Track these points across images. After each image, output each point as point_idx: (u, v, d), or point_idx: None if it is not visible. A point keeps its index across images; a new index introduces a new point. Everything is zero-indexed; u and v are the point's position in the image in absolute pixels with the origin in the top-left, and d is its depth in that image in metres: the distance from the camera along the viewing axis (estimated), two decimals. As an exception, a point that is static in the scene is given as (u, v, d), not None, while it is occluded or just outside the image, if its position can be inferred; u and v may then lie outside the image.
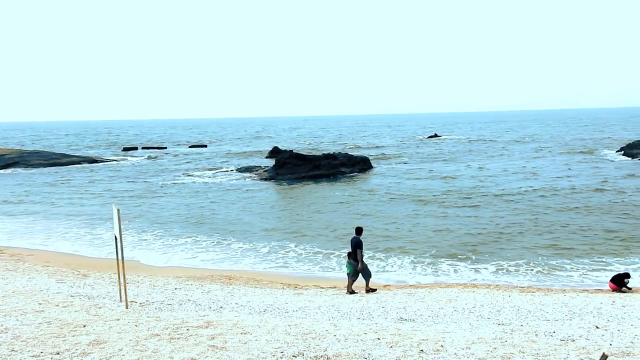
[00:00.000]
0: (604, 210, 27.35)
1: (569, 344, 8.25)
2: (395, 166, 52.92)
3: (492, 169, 47.62)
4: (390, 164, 55.04)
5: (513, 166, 49.64)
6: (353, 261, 14.73)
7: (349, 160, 48.50)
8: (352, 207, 30.32)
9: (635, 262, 18.57)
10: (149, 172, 53.10)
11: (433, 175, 44.17)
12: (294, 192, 37.07)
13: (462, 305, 12.28)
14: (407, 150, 72.28)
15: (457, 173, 44.93)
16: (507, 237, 22.45)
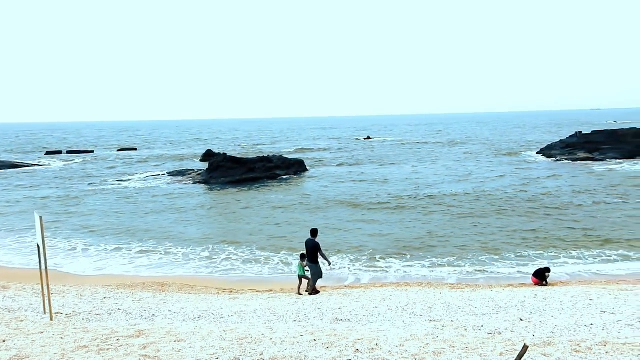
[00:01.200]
0: (526, 209, 28.80)
1: (496, 337, 8.63)
2: (330, 169, 53.34)
3: (423, 171, 48.91)
4: (325, 167, 55.44)
5: (443, 168, 51.29)
6: (310, 263, 14.70)
7: (283, 163, 48.43)
8: (287, 211, 30.26)
9: (556, 257, 19.69)
10: (75, 177, 50.77)
11: (366, 177, 44.74)
12: (228, 196, 36.56)
13: (396, 303, 12.56)
14: (342, 153, 73.01)
15: (390, 176, 45.77)
16: (438, 237, 23.09)
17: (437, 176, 44.43)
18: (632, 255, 19.58)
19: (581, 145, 58.45)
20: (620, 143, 57.35)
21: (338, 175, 47.28)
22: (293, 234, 24.57)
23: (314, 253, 14.59)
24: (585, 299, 12.17)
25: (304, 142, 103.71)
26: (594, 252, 20.16)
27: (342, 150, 77.64)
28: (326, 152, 76.00)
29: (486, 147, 76.09)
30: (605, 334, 8.65)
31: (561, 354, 7.17)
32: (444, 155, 65.23)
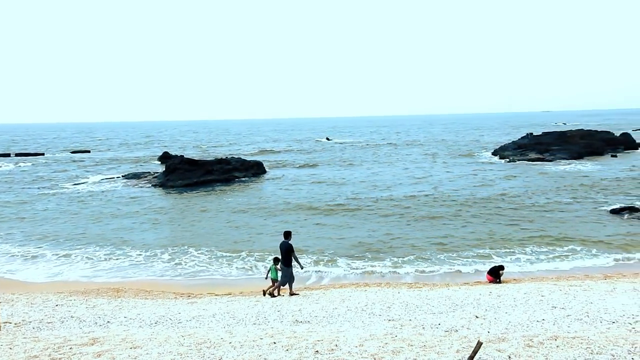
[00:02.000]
0: (481, 209, 29.52)
1: (453, 334, 8.81)
2: (289, 170, 53.24)
3: (382, 173, 49.36)
4: (284, 168, 55.32)
5: (401, 170, 51.98)
6: (283, 265, 14.60)
7: (242, 165, 48.05)
8: (246, 214, 29.97)
9: (510, 255, 20.27)
10: (24, 181, 48.92)
11: (325, 179, 44.80)
12: (185, 199, 36.00)
13: (355, 304, 12.65)
14: (301, 155, 72.98)
15: (349, 177, 45.97)
16: (397, 238, 23.34)
17: (395, 178, 44.88)
18: (581, 252, 20.35)
19: (532, 146, 60.41)
20: (569, 144, 59.59)
21: (297, 177, 47.15)
22: (252, 237, 24.42)
23: (287, 255, 14.49)
24: (537, 295, 12.56)
25: (264, 143, 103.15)
26: (546, 249, 20.86)
27: (302, 152, 77.64)
28: (286, 153, 75.81)
29: (443, 149, 77.61)
30: (556, 328, 8.95)
31: (514, 349, 7.38)
32: (402, 157, 66.00)
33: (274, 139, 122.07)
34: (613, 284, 14.21)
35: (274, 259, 15.50)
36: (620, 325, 8.82)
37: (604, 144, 61.90)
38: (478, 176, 43.78)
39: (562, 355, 6.94)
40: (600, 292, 12.57)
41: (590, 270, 18.13)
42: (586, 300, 11.47)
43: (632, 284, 13.91)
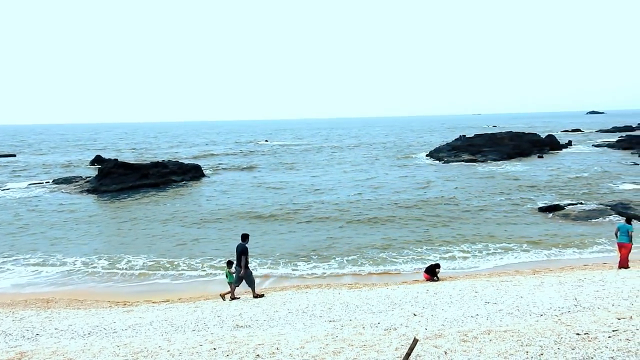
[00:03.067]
0: (418, 209, 30.31)
1: (392, 333, 8.98)
2: (228, 174, 52.48)
3: (322, 176, 49.59)
4: (224, 171, 54.51)
5: (341, 173, 52.46)
6: (237, 267, 14.50)
7: (179, 168, 46.97)
8: (183, 220, 29.22)
9: (447, 252, 20.91)
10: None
11: (265, 182, 44.49)
12: (119, 204, 34.79)
13: (296, 306, 12.66)
14: (241, 158, 72.08)
15: (289, 181, 45.90)
16: (337, 240, 23.47)
17: (336, 181, 45.10)
18: (512, 249, 21.29)
19: (465, 148, 62.66)
20: (499, 145, 62.25)
21: (236, 181, 46.40)
22: (190, 243, 23.91)
23: (239, 257, 14.45)
24: (472, 292, 13.03)
25: (204, 146, 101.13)
26: (479, 246, 21.69)
27: (242, 155, 76.57)
28: (225, 156, 74.60)
29: (382, 151, 79.03)
30: (489, 323, 9.31)
31: (450, 345, 7.62)
32: (343, 159, 66.49)
33: (214, 142, 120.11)
34: (541, 278, 14.94)
35: (227, 262, 15.41)
36: (548, 318, 9.28)
37: (531, 146, 65.10)
38: (415, 178, 44.86)
39: (494, 349, 7.23)
40: (529, 287, 13.19)
41: (521, 266, 18.99)
42: (516, 295, 12.00)
43: (558, 278, 14.68)
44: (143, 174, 42.79)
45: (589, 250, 20.86)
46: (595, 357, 6.45)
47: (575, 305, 10.29)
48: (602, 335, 7.38)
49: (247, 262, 14.43)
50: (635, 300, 10.14)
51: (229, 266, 15.16)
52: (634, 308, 9.41)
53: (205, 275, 19.17)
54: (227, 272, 15.10)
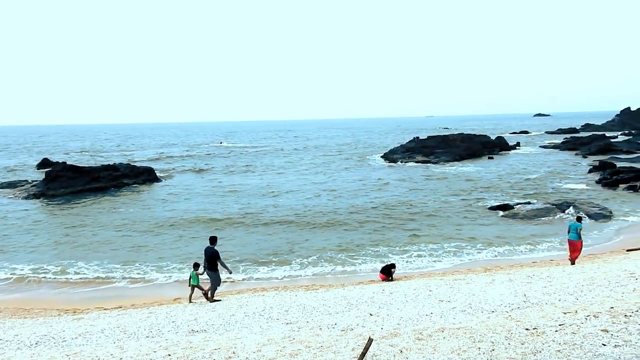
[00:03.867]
0: (374, 210, 30.65)
1: (349, 333, 9.03)
2: (182, 177, 51.53)
3: (279, 179, 49.42)
4: (178, 174, 53.55)
5: (297, 175, 52.48)
6: (209, 271, 14.33)
7: (131, 171, 45.77)
8: (135, 224, 28.58)
9: (403, 252, 21.23)
10: None
11: (220, 185, 43.85)
12: (68, 209, 33.63)
13: (253, 309, 12.57)
14: (195, 160, 70.77)
15: (244, 184, 45.37)
16: (295, 244, 23.36)
17: (293, 184, 45.02)
18: (465, 247, 21.83)
19: (419, 150, 63.84)
20: (451, 147, 63.73)
21: (190, 184, 45.56)
22: (143, 248, 23.41)
23: (212, 261, 14.30)
24: (426, 290, 13.26)
25: (158, 149, 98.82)
26: (434, 246, 22.13)
27: (197, 157, 75.15)
28: (180, 159, 73.06)
29: (339, 153, 79.49)
30: (443, 321, 9.50)
31: (406, 343, 7.73)
32: (299, 162, 66.45)
33: (169, 144, 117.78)
34: (492, 276, 15.36)
35: (194, 264, 15.20)
36: (499, 314, 9.55)
37: (482, 147, 66.97)
38: (371, 179, 45.33)
39: (448, 346, 7.38)
40: (481, 284, 13.53)
41: (473, 264, 19.50)
42: (469, 293, 12.29)
43: (508, 275, 15.13)
44: (93, 178, 41.54)
45: (538, 247, 21.62)
46: (543, 351, 6.68)
47: (525, 301, 10.63)
48: (550, 330, 7.65)
49: (216, 265, 14.32)
50: (580, 295, 10.56)
51: (196, 268, 14.98)
52: (578, 303, 9.79)
53: (159, 281, 18.79)
54: (193, 274, 14.87)
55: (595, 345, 6.63)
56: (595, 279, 12.27)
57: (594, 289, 11.02)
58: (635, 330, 7.08)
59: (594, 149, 63.88)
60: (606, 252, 19.79)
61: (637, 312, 8.04)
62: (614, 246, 21.00)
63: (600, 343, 6.71)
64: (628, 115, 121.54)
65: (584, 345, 6.69)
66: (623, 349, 6.38)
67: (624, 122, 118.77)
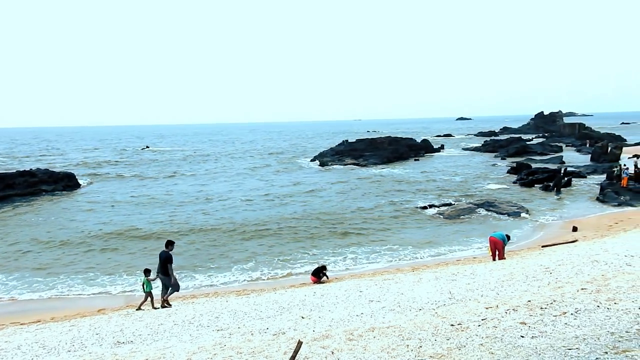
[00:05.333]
0: (305, 213, 30.79)
1: (281, 337, 9.03)
2: (107, 183, 49.28)
3: (210, 185, 48.38)
4: (102, 181, 51.32)
5: (228, 180, 51.75)
6: (162, 275, 14.14)
7: (50, 177, 43.25)
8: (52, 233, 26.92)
9: (335, 255, 21.42)
10: None
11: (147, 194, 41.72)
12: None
13: (182, 317, 12.27)
14: (119, 166, 67.71)
15: (175, 191, 43.96)
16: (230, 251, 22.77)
17: (223, 189, 44.21)
18: (394, 247, 22.37)
19: (348, 152, 64.83)
20: (379, 150, 65.20)
21: (114, 191, 43.27)
22: (61, 258, 22.26)
23: (164, 265, 14.10)
24: (356, 291, 13.48)
25: (81, 153, 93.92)
26: (364, 247, 22.51)
27: (123, 163, 71.68)
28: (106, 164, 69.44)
29: (269, 157, 79.16)
30: (373, 320, 9.70)
31: (337, 345, 7.82)
32: (229, 167, 65.29)
33: (94, 148, 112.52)
34: (419, 274, 15.84)
35: (144, 270, 14.84)
36: (426, 312, 9.87)
37: (409, 150, 68.98)
38: (302, 183, 45.44)
39: (378, 345, 7.54)
40: (409, 283, 13.93)
41: (401, 264, 20.01)
42: (398, 292, 12.62)
43: (434, 273, 15.66)
44: (7, 184, 38.98)
45: (462, 246, 22.50)
46: (467, 345, 6.97)
47: (450, 298, 11.05)
48: (473, 325, 8.00)
49: (167, 269, 14.15)
50: (501, 290, 11.11)
51: (146, 274, 14.63)
52: (499, 297, 10.30)
53: (81, 292, 17.93)
54: (145, 280, 14.50)
55: (514, 338, 6.99)
56: (514, 274, 12.94)
57: (513, 284, 11.62)
58: (550, 322, 7.54)
59: (511, 151, 67.43)
60: (524, 248, 20.92)
61: (552, 305, 8.57)
62: (530, 243, 22.23)
63: (519, 335, 7.09)
64: (541, 119, 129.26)
65: (504, 337, 7.04)
66: (539, 339, 6.77)
67: (538, 125, 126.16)
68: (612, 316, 7.38)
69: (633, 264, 11.83)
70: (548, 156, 62.14)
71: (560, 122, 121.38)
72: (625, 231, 21.16)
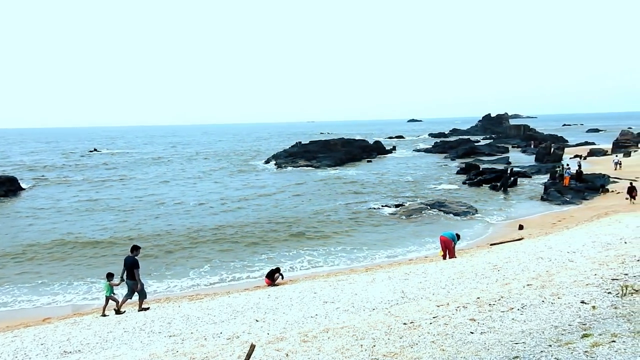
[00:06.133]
0: (257, 216, 30.61)
1: (235, 341, 8.94)
2: (51, 188, 47.31)
3: (162, 189, 47.24)
4: (46, 184, 49.37)
5: (182, 184, 50.82)
6: (129, 280, 13.92)
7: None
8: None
9: (289, 257, 21.37)
10: None
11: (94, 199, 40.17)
12: None
13: (132, 324, 11.96)
14: (66, 169, 64.91)
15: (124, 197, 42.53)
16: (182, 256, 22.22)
17: (176, 193, 43.30)
18: (349, 248, 22.53)
19: (302, 154, 64.90)
20: (332, 151, 65.58)
21: (60, 196, 41.31)
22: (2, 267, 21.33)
23: (130, 270, 13.89)
24: (311, 293, 13.51)
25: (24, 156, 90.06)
26: (320, 249, 22.56)
27: (68, 166, 68.97)
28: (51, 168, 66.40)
29: (222, 159, 78.16)
30: (327, 321, 9.74)
31: (292, 347, 7.81)
32: (182, 170, 63.60)
33: (38, 150, 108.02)
34: (373, 275, 16.01)
35: (107, 274, 14.44)
36: (379, 311, 9.99)
37: (361, 151, 69.73)
38: (256, 185, 45.16)
39: (332, 345, 7.58)
40: (362, 284, 14.07)
41: (355, 264, 20.17)
42: (352, 292, 12.72)
43: (388, 273, 15.87)
44: (-57, 190, 37.05)
45: (414, 245, 22.89)
46: (420, 342, 7.10)
47: (403, 297, 11.23)
48: (425, 323, 8.15)
49: (134, 274, 13.91)
50: (452, 289, 11.38)
51: (109, 279, 14.27)
52: (450, 295, 10.55)
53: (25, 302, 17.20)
54: (107, 285, 14.14)
55: (464, 334, 7.17)
56: (464, 272, 13.28)
57: (463, 282, 11.93)
58: (498, 318, 7.77)
59: (460, 152, 69.24)
60: (473, 247, 21.49)
61: (500, 301, 8.84)
62: (479, 241, 22.87)
63: (469, 331, 7.27)
64: (489, 121, 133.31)
65: (455, 334, 7.21)
66: (488, 335, 6.97)
67: (486, 127, 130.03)
68: (555, 310, 7.67)
69: (575, 259, 12.36)
70: (495, 157, 64.11)
71: (506, 123, 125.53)
72: (568, 228, 22.06)
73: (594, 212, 26.42)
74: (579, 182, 35.23)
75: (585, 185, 34.43)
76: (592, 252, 13.32)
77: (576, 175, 36.39)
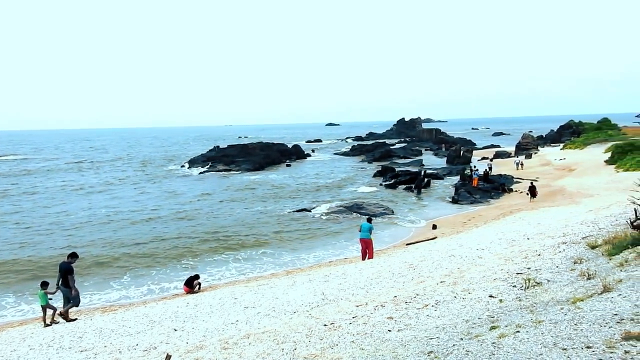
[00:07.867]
0: (177, 222, 29.79)
1: (152, 352, 8.65)
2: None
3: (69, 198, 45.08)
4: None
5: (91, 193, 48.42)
6: (64, 287, 13.13)
7: None
8: None
9: (208, 263, 20.93)
10: None
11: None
12: None
13: (39, 340, 11.24)
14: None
15: (24, 209, 40.32)
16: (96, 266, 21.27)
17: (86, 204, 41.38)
18: (270, 252, 22.45)
19: (220, 159, 63.98)
20: (251, 156, 65.17)
21: None
22: None
23: (64, 276, 13.15)
24: (231, 299, 13.33)
25: None
26: (242, 253, 22.27)
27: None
28: None
29: (136, 164, 75.29)
30: (248, 327, 9.66)
31: (212, 355, 7.68)
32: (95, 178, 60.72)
33: None
34: (293, 278, 16.07)
35: (41, 283, 13.50)
36: (300, 314, 10.04)
37: (280, 155, 69.80)
38: (173, 192, 43.84)
39: (253, 351, 7.53)
40: (283, 287, 14.08)
41: (276, 268, 20.12)
42: (272, 296, 12.70)
43: (308, 275, 15.99)
44: None
45: (334, 248, 23.19)
46: (340, 343, 7.21)
47: (323, 299, 11.35)
48: (345, 323, 8.29)
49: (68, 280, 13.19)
50: (370, 289, 11.66)
51: (44, 287, 13.30)
52: (368, 295, 10.80)
53: None
54: (41, 293, 13.15)
55: (382, 332, 7.37)
56: (381, 272, 13.65)
57: (381, 282, 12.26)
58: (414, 315, 8.06)
59: (377, 155, 71.15)
60: (390, 247, 22.14)
61: (415, 298, 9.17)
62: (396, 241, 23.59)
63: (387, 329, 7.48)
64: (403, 125, 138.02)
65: (374, 333, 7.39)
66: (405, 332, 7.21)
67: (400, 130, 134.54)
68: (466, 305, 8.07)
69: (483, 256, 13.06)
70: (410, 159, 66.48)
71: (419, 127, 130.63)
72: (477, 227, 23.28)
73: (500, 210, 28.05)
74: (486, 182, 37.32)
75: (492, 185, 36.54)
76: (499, 248, 14.14)
77: (483, 176, 38.55)
